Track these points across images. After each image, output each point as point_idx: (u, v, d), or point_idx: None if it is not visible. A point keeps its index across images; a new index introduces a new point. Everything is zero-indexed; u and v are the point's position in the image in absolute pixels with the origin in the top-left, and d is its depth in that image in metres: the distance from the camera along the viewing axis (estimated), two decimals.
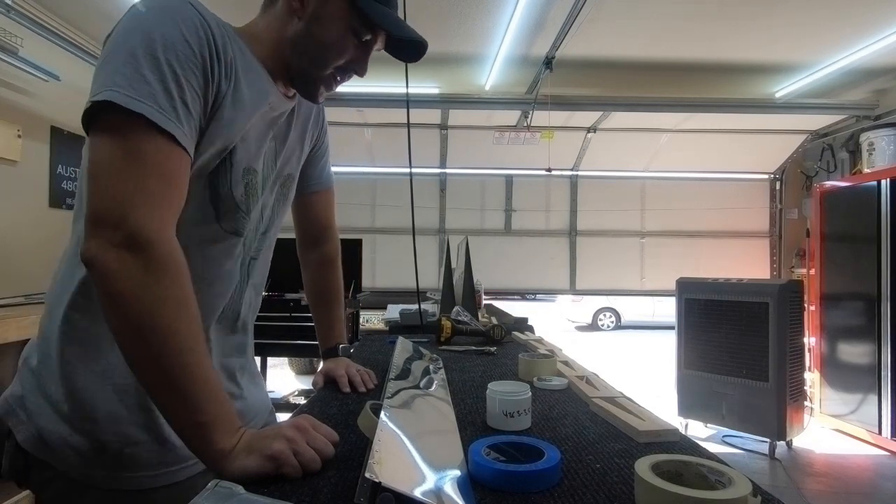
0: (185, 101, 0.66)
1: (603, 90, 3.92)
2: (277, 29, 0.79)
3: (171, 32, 0.65)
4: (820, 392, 3.85)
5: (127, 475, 0.75)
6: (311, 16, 0.76)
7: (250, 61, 0.77)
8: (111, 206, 0.61)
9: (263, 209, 0.88)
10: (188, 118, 0.66)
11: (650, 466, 0.53)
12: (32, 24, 2.60)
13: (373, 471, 0.47)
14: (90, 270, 0.62)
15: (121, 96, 0.61)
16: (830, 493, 2.86)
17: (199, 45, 0.67)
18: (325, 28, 0.76)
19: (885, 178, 3.48)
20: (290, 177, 0.94)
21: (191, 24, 0.67)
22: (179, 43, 0.65)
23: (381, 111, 4.21)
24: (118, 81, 0.62)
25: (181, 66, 0.65)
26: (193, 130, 0.68)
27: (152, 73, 0.63)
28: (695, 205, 5.01)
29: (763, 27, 2.93)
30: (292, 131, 0.91)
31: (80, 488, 0.74)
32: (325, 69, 0.79)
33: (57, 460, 0.74)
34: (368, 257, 4.69)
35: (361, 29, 0.77)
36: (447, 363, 1.27)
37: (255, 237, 0.87)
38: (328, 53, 0.78)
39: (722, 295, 3.44)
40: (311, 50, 0.78)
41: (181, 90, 0.65)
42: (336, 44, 0.77)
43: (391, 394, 0.80)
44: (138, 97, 0.62)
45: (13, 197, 2.59)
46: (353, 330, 3.48)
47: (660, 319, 10.19)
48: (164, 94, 0.63)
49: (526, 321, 2.00)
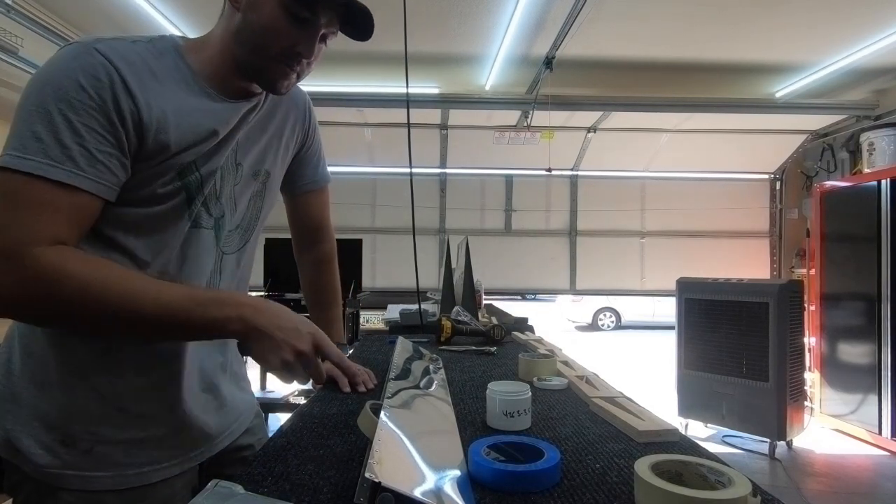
0: (85, 146, 0.67)
1: (603, 90, 3.92)
2: (225, 27, 0.80)
3: (64, 82, 0.67)
4: (820, 392, 3.85)
5: (99, 475, 0.75)
6: (247, 4, 0.77)
7: (188, 83, 0.78)
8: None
9: (236, 205, 0.87)
10: (90, 161, 0.68)
11: (650, 466, 0.53)
12: (32, 24, 2.61)
13: (373, 471, 0.47)
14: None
15: (11, 159, 0.65)
16: (830, 493, 2.86)
17: (96, 87, 0.68)
18: (259, 12, 0.76)
19: (885, 178, 3.48)
20: (266, 173, 0.93)
21: (88, 69, 0.68)
22: (73, 90, 0.67)
23: (381, 111, 4.21)
24: (13, 143, 0.66)
25: (76, 112, 0.67)
26: (104, 172, 0.69)
27: (43, 126, 0.65)
28: (695, 205, 5.01)
29: (763, 27, 2.93)
30: (259, 126, 0.89)
31: (52, 490, 0.74)
32: (267, 55, 0.78)
33: (25, 462, 0.74)
34: (368, 257, 4.69)
35: (293, 6, 0.75)
36: (447, 363, 1.27)
37: (225, 234, 0.86)
38: (266, 38, 0.76)
39: (722, 295, 3.44)
40: (252, 38, 0.77)
41: (78, 137, 0.67)
42: (272, 26, 0.75)
43: (391, 394, 0.80)
44: (27, 155, 0.65)
45: None
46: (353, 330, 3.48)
47: (660, 319, 10.19)
48: (56, 145, 0.66)
49: (526, 321, 2.00)
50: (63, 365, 0.75)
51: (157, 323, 0.67)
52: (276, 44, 0.76)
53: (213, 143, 0.79)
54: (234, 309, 0.70)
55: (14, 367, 0.76)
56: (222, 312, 0.69)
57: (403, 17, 1.50)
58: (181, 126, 0.75)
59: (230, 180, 0.85)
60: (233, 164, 0.85)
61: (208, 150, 0.79)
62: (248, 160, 0.88)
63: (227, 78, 0.81)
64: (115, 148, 0.70)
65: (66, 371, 0.75)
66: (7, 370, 0.77)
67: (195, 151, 0.77)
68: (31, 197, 0.65)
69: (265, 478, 0.61)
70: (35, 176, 0.64)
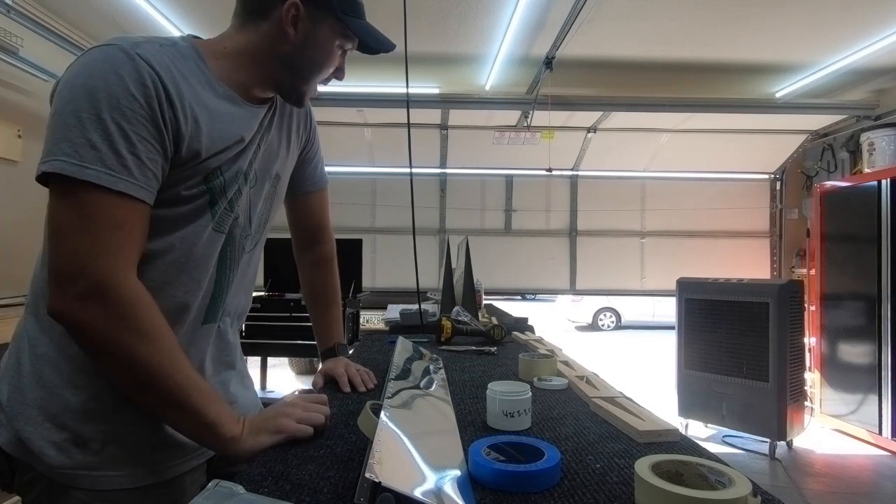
0: (137, 154, 0.68)
1: (603, 90, 3.92)
2: (263, 48, 0.81)
3: (115, 89, 0.67)
4: (820, 392, 3.85)
5: (111, 474, 0.75)
6: (305, 39, 0.81)
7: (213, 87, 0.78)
8: (69, 261, 0.65)
9: (250, 208, 0.88)
10: (142, 169, 0.69)
11: (650, 466, 0.53)
12: (32, 24, 2.60)
13: (373, 471, 0.47)
14: (60, 323, 0.67)
15: (68, 166, 0.64)
16: (830, 494, 2.86)
17: (146, 96, 0.68)
18: (320, 49, 0.83)
19: (885, 178, 3.48)
20: (277, 176, 0.94)
21: (136, 77, 0.68)
22: (125, 98, 0.67)
23: (381, 111, 4.21)
24: (65, 150, 0.65)
25: (128, 121, 0.67)
26: (151, 179, 0.70)
27: (98, 134, 0.65)
28: (695, 205, 5.01)
29: (763, 27, 2.93)
30: (273, 130, 0.91)
31: (64, 489, 0.74)
32: (314, 82, 0.86)
33: (38, 461, 0.74)
34: (368, 257, 4.69)
35: (346, 43, 0.85)
36: (447, 363, 1.27)
37: (239, 236, 0.87)
38: (321, 69, 0.85)
39: (722, 295, 3.44)
40: (305, 68, 0.84)
41: (131, 145, 0.67)
42: (328, 61, 0.84)
43: (391, 394, 0.80)
44: (85, 163, 0.65)
45: (13, 197, 2.59)
46: (353, 330, 3.48)
47: (660, 319, 10.18)
48: (112, 154, 0.66)
49: (526, 321, 2.00)
50: (71, 365, 0.75)
51: (175, 408, 0.70)
52: (325, 73, 0.86)
53: (239, 148, 0.81)
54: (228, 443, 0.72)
55: (24, 367, 0.76)
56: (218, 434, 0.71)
57: (404, 17, 1.50)
58: (211, 133, 0.76)
59: (248, 184, 0.86)
60: (251, 167, 0.86)
61: (234, 155, 0.81)
62: (263, 163, 0.89)
63: (249, 86, 0.83)
64: (161, 156, 0.71)
65: (74, 371, 0.75)
66: (17, 371, 0.77)
67: (222, 157, 0.79)
68: (104, 214, 0.66)
69: (265, 478, 0.61)
70: (94, 185, 0.65)
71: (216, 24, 0.88)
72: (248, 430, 0.72)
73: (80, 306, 0.65)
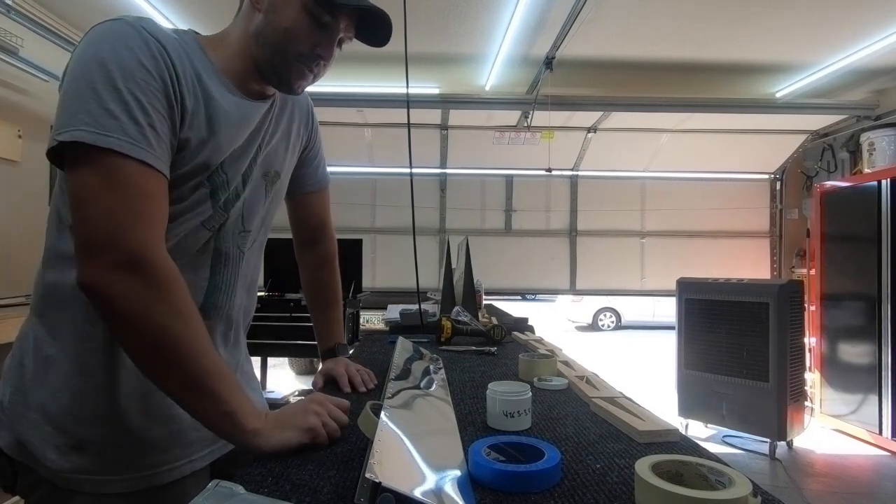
0: (154, 126, 0.67)
1: (603, 90, 3.92)
2: (244, 28, 0.81)
3: (128, 61, 0.66)
4: (820, 392, 3.85)
5: (112, 478, 0.75)
6: (269, 6, 0.78)
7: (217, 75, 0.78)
8: (101, 230, 0.62)
9: (245, 207, 0.87)
10: (159, 141, 0.67)
11: (650, 467, 0.53)
12: (32, 24, 2.61)
13: (373, 471, 0.47)
14: (90, 296, 0.63)
15: (88, 135, 0.62)
16: (831, 494, 2.86)
17: (157, 68, 0.68)
18: (282, 14, 0.77)
19: (885, 179, 3.48)
20: (276, 174, 0.93)
21: (146, 49, 0.68)
22: (138, 70, 0.66)
23: (381, 111, 4.21)
24: (84, 119, 0.63)
25: (143, 92, 0.66)
26: (166, 152, 0.69)
27: (116, 104, 0.64)
28: (695, 205, 5.01)
29: (763, 27, 2.93)
30: (274, 128, 0.90)
31: (67, 493, 0.73)
32: (288, 56, 0.79)
33: (39, 465, 0.73)
34: (368, 257, 4.69)
35: (316, 9, 0.77)
36: (447, 363, 1.27)
37: (234, 233, 0.86)
38: (288, 39, 0.78)
39: (722, 295, 3.44)
40: (273, 39, 0.78)
41: (148, 116, 0.66)
42: (294, 28, 0.77)
43: (391, 394, 0.79)
44: (106, 132, 0.63)
45: (13, 197, 2.59)
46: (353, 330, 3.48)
47: (660, 319, 10.18)
48: (132, 123, 0.65)
49: (526, 321, 2.00)
50: (74, 368, 0.74)
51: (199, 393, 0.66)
52: (297, 45, 0.79)
53: (239, 142, 0.81)
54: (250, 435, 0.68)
55: (27, 370, 0.76)
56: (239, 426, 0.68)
57: (404, 17, 1.49)
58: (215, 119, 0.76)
59: (248, 181, 0.85)
60: (251, 164, 0.85)
61: (236, 149, 0.80)
62: (263, 161, 0.89)
63: (246, 79, 0.82)
64: (171, 130, 0.70)
65: (76, 375, 0.74)
66: (20, 374, 0.76)
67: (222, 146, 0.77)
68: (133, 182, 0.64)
69: (265, 478, 0.61)
70: (118, 154, 0.63)
71: (216, 24, 0.88)
72: (273, 425, 0.69)
73: (116, 278, 0.62)
